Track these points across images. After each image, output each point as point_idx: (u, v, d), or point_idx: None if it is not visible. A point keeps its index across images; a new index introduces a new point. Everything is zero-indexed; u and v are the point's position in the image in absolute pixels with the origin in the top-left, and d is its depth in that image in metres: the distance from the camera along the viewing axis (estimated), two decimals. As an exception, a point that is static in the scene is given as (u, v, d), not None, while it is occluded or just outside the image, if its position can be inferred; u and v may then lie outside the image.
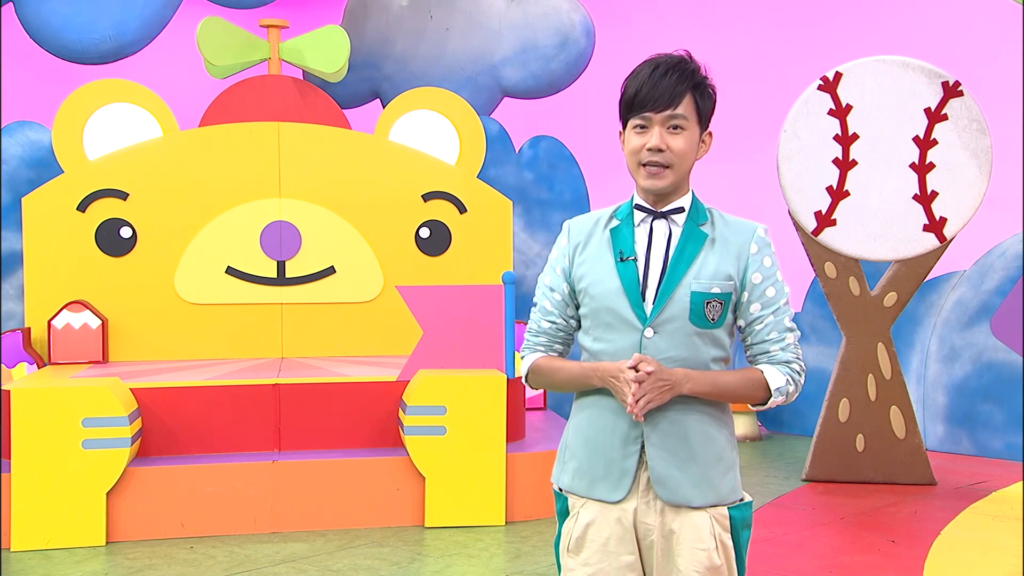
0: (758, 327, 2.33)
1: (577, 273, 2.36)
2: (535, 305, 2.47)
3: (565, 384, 2.39)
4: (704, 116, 2.31)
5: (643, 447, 2.29)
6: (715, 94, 2.31)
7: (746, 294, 2.32)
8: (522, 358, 2.47)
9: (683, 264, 2.28)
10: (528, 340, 2.46)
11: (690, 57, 2.30)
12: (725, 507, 2.33)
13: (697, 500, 2.29)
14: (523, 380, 2.48)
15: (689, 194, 2.34)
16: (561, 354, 2.45)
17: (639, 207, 2.34)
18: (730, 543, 2.32)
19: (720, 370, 2.32)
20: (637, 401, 2.21)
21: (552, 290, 2.41)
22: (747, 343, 2.38)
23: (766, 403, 2.34)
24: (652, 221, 2.32)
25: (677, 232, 2.31)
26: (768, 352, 2.35)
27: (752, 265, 2.31)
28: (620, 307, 2.28)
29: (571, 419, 2.43)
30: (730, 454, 2.36)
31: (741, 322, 2.35)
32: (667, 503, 2.29)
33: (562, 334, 2.43)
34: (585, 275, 2.34)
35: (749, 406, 2.37)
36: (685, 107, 2.25)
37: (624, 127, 2.33)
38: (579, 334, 2.42)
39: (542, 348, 2.44)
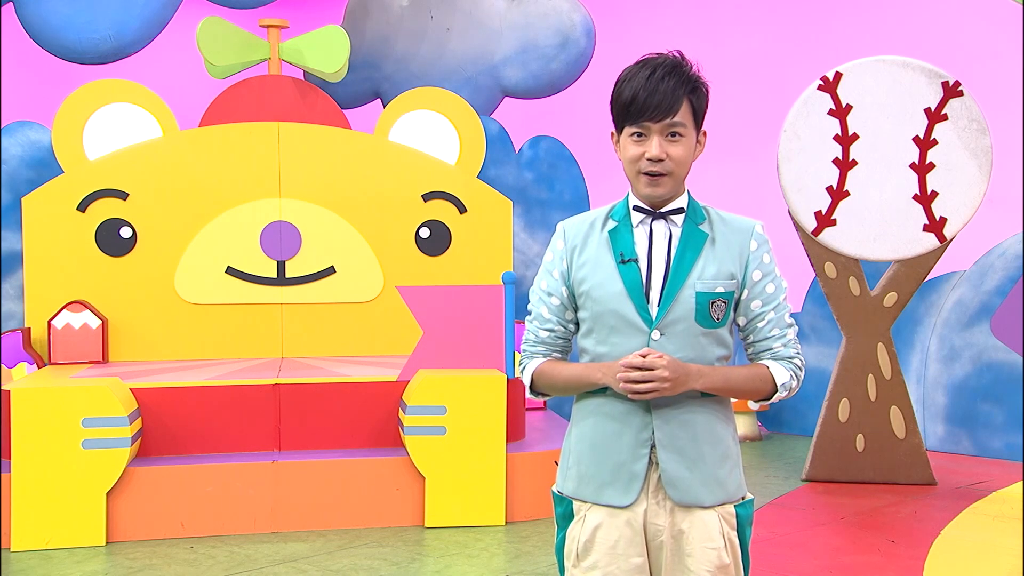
0: (760, 324, 2.33)
1: (577, 276, 2.33)
2: (530, 313, 2.43)
3: (567, 385, 2.36)
4: (700, 118, 2.28)
5: (651, 449, 2.28)
6: (708, 92, 2.29)
7: (746, 291, 2.31)
8: (522, 370, 2.44)
9: (686, 265, 2.26)
10: (526, 351, 2.44)
11: (683, 58, 2.26)
12: (732, 505, 2.33)
13: (708, 500, 2.29)
14: (527, 391, 2.45)
15: (685, 194, 2.32)
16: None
17: (637, 208, 2.31)
18: (737, 541, 2.34)
19: (729, 366, 2.32)
20: (643, 387, 2.18)
21: (550, 295, 2.38)
22: (748, 340, 2.38)
23: (771, 398, 2.35)
24: (651, 222, 2.30)
25: (677, 232, 2.29)
26: (771, 348, 2.35)
27: (752, 262, 2.30)
28: (625, 310, 2.26)
29: (572, 425, 2.40)
30: (735, 451, 2.37)
31: (742, 319, 2.35)
32: (678, 504, 2.28)
33: (560, 341, 2.41)
34: (586, 278, 2.31)
35: (750, 404, 2.38)
36: (683, 114, 2.22)
37: (619, 131, 2.29)
38: (579, 337, 2.39)
39: (540, 355, 2.41)
